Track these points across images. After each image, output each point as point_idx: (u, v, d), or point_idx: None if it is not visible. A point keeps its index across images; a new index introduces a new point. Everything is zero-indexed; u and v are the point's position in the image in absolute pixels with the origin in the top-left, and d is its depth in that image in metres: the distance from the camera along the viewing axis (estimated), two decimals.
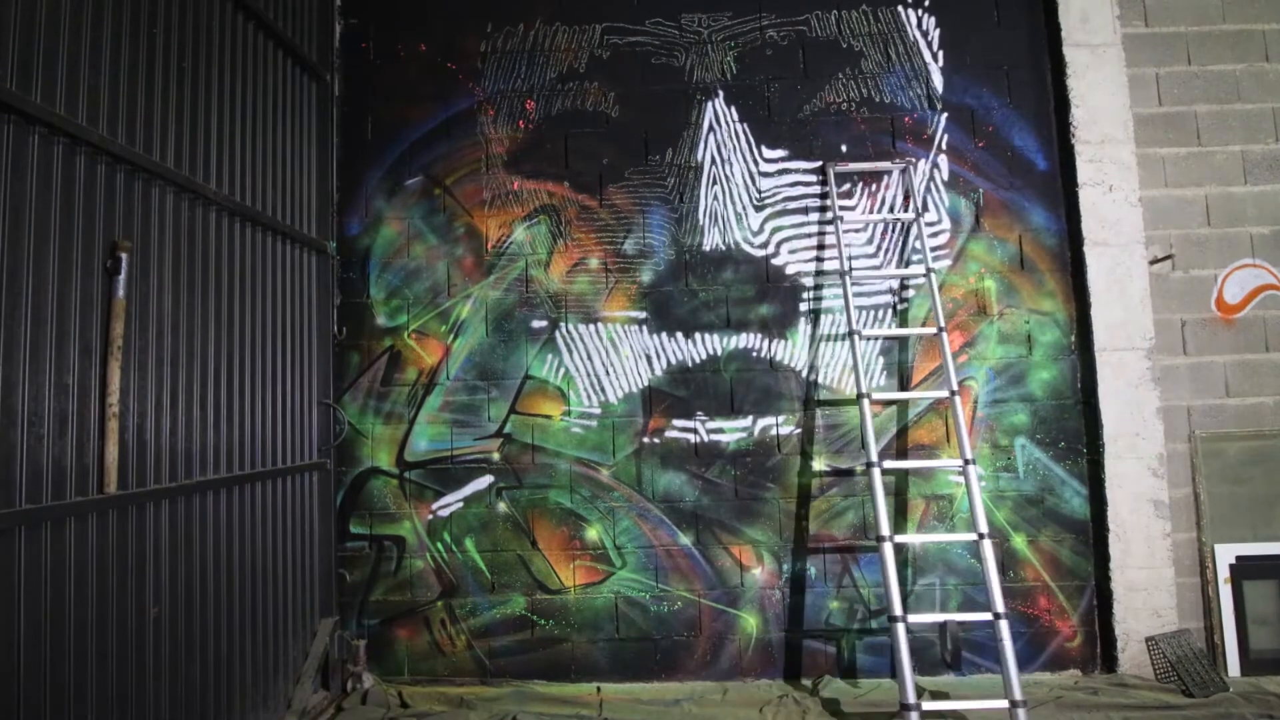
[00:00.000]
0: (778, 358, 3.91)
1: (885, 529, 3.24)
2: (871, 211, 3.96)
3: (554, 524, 3.86)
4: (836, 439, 3.86)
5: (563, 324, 3.95)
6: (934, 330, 3.65)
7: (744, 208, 3.98)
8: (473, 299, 3.98)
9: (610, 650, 3.78)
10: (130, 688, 2.46)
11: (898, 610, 3.13)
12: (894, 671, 3.69)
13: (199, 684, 2.82)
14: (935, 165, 3.97)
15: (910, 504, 3.81)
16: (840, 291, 3.91)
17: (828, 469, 3.84)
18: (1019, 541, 3.78)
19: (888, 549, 3.20)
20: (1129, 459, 3.72)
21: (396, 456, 3.92)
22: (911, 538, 3.66)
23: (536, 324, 3.94)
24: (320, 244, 3.87)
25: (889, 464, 3.57)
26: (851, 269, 3.89)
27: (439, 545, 3.87)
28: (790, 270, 3.94)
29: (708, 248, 3.97)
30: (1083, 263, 3.83)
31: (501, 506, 3.88)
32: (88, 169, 2.40)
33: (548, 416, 3.92)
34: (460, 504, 3.90)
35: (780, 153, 4.00)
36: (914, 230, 3.94)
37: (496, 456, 3.90)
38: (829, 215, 3.95)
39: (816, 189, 3.98)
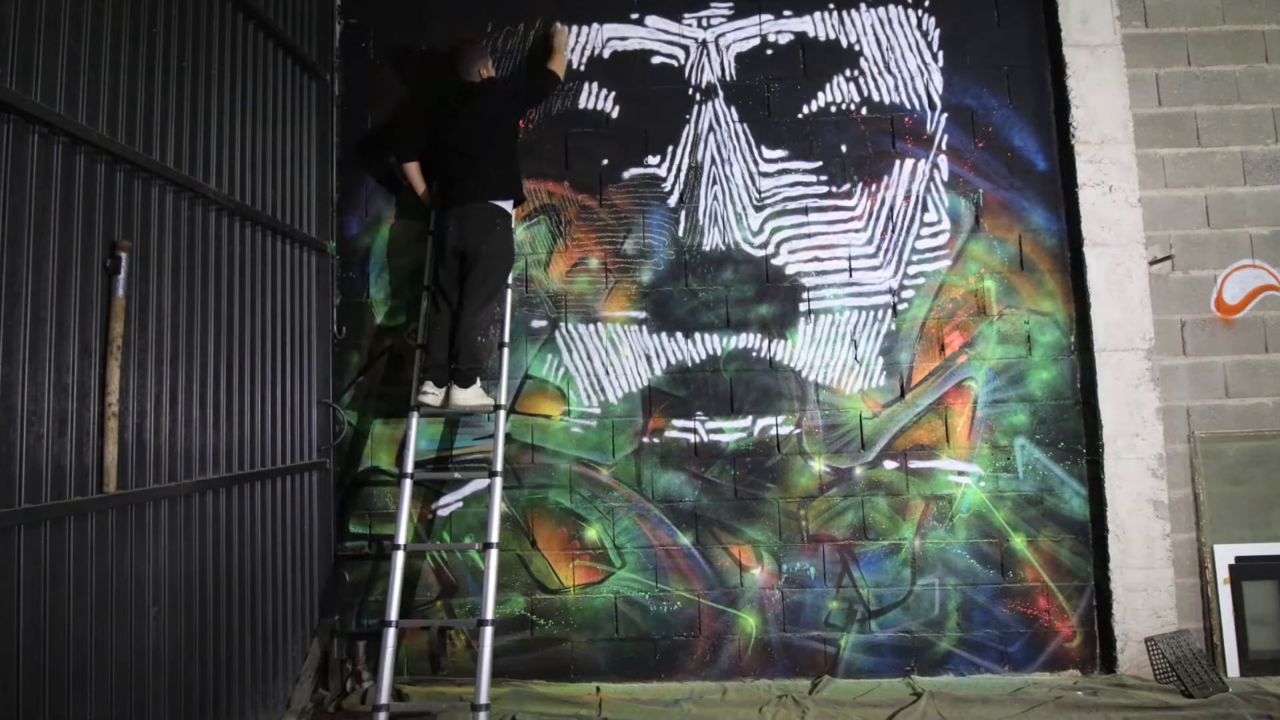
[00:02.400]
0: (777, 358, 3.91)
1: (401, 538, 3.43)
2: (873, 211, 3.96)
3: (553, 524, 3.86)
4: (836, 439, 3.86)
5: (562, 324, 3.95)
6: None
7: (744, 208, 3.98)
8: None
9: (610, 650, 3.78)
10: (130, 687, 2.46)
11: (393, 615, 3.31)
12: (896, 671, 3.70)
13: (199, 684, 2.82)
14: (935, 165, 3.97)
15: (909, 504, 3.81)
16: (840, 291, 3.92)
17: (827, 469, 3.85)
18: (1018, 542, 3.78)
19: (399, 556, 3.41)
20: (1128, 459, 3.72)
21: (396, 456, 3.92)
22: (422, 546, 3.82)
23: (536, 324, 3.94)
24: (320, 243, 3.87)
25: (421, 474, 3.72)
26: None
27: None
28: (790, 270, 3.94)
29: (708, 248, 3.97)
30: (1082, 263, 3.83)
31: (501, 506, 3.87)
32: (87, 168, 2.40)
33: (547, 416, 3.92)
34: (460, 504, 3.90)
35: (780, 153, 4.00)
36: (914, 230, 3.94)
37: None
38: (829, 215, 3.97)
39: (817, 189, 3.98)
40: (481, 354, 3.65)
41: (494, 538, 3.39)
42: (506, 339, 3.79)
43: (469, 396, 3.57)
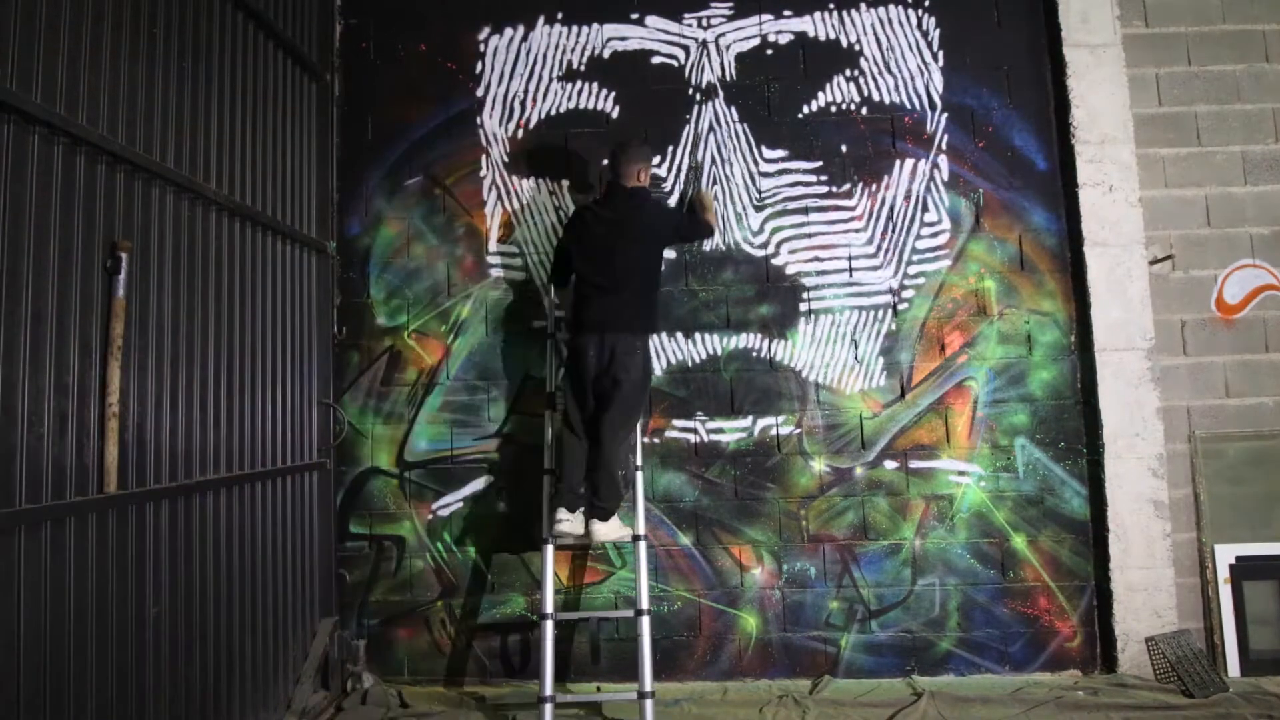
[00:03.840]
0: (778, 358, 3.90)
1: (548, 607, 3.33)
2: (873, 211, 3.96)
3: None
4: (836, 439, 3.86)
5: (563, 324, 3.94)
6: None
7: (744, 208, 3.98)
8: (473, 299, 3.98)
9: (610, 650, 3.78)
10: (130, 687, 2.46)
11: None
12: (897, 671, 3.70)
13: (199, 684, 2.82)
14: (935, 165, 3.96)
15: (910, 504, 3.81)
16: (841, 291, 3.92)
17: (828, 469, 3.84)
18: (1019, 542, 3.78)
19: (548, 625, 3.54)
20: (1129, 459, 3.72)
21: (396, 456, 3.92)
22: (569, 615, 3.69)
23: (536, 324, 3.94)
24: (320, 244, 3.87)
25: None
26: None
27: (439, 545, 3.87)
28: (790, 270, 3.94)
29: (708, 248, 3.96)
30: (1083, 263, 3.83)
31: (501, 506, 3.88)
32: (88, 169, 2.40)
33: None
34: (460, 504, 3.90)
35: (780, 153, 4.00)
36: (914, 230, 3.94)
37: (496, 456, 3.90)
38: (829, 215, 3.97)
39: (817, 189, 3.98)
40: (621, 489, 3.46)
41: (644, 605, 3.28)
42: (639, 461, 3.61)
43: (610, 530, 3.39)
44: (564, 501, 3.36)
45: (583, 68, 4.06)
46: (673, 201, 3.97)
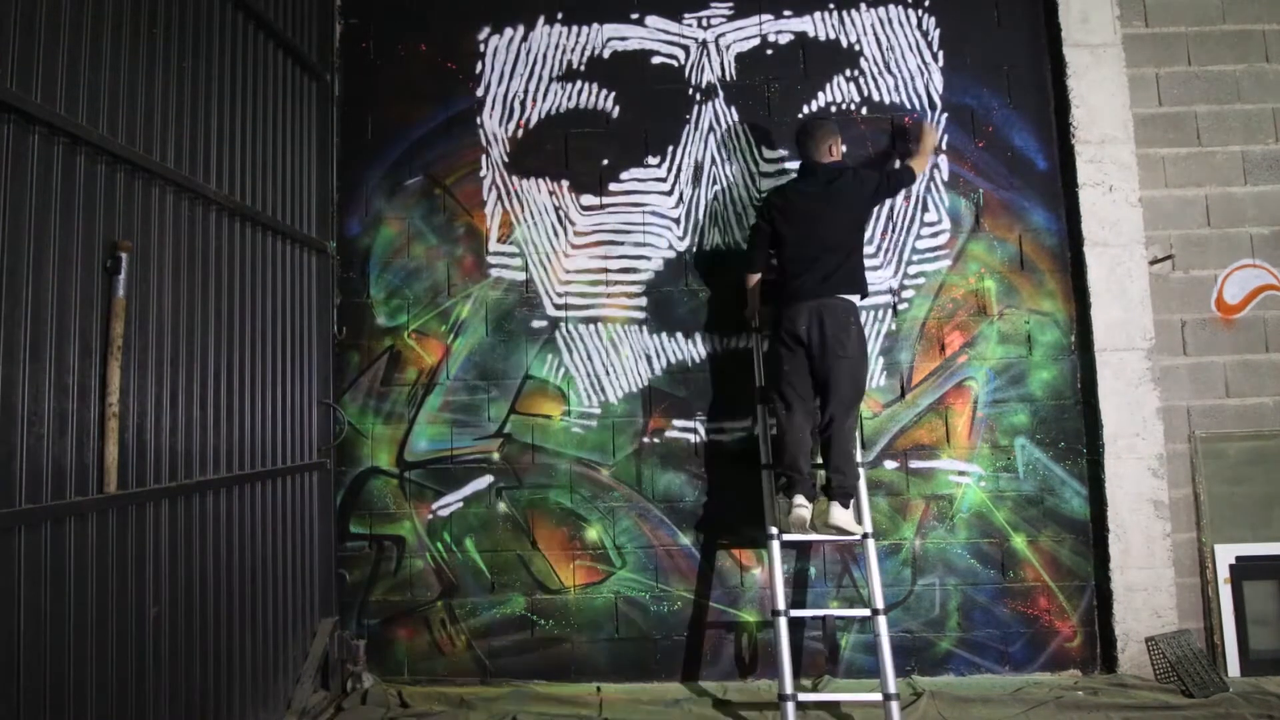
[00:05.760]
0: None
1: (780, 604, 3.27)
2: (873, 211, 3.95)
3: (554, 524, 3.86)
4: None
5: (563, 324, 3.95)
6: None
7: (744, 208, 3.98)
8: (473, 299, 3.98)
9: (610, 650, 3.78)
10: (130, 687, 2.46)
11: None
12: (897, 671, 3.69)
13: (199, 684, 2.82)
14: (935, 165, 3.96)
15: (910, 504, 3.81)
16: None
17: None
18: (1019, 542, 3.78)
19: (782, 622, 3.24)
20: (1129, 459, 3.72)
21: (396, 456, 3.92)
22: (802, 613, 3.54)
23: (536, 324, 3.94)
24: (320, 244, 3.87)
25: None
26: None
27: (439, 545, 3.87)
28: None
29: (708, 248, 3.96)
30: (1083, 263, 3.83)
31: (501, 506, 3.88)
32: (88, 169, 2.40)
33: (548, 416, 3.92)
34: (460, 504, 3.90)
35: (780, 153, 4.00)
36: (914, 230, 3.94)
37: (496, 456, 3.90)
38: None
39: None
40: (856, 468, 3.40)
41: (878, 604, 3.28)
42: (860, 457, 3.51)
43: (847, 518, 3.31)
44: (801, 490, 3.32)
45: (583, 68, 4.06)
46: (672, 197, 3.97)
